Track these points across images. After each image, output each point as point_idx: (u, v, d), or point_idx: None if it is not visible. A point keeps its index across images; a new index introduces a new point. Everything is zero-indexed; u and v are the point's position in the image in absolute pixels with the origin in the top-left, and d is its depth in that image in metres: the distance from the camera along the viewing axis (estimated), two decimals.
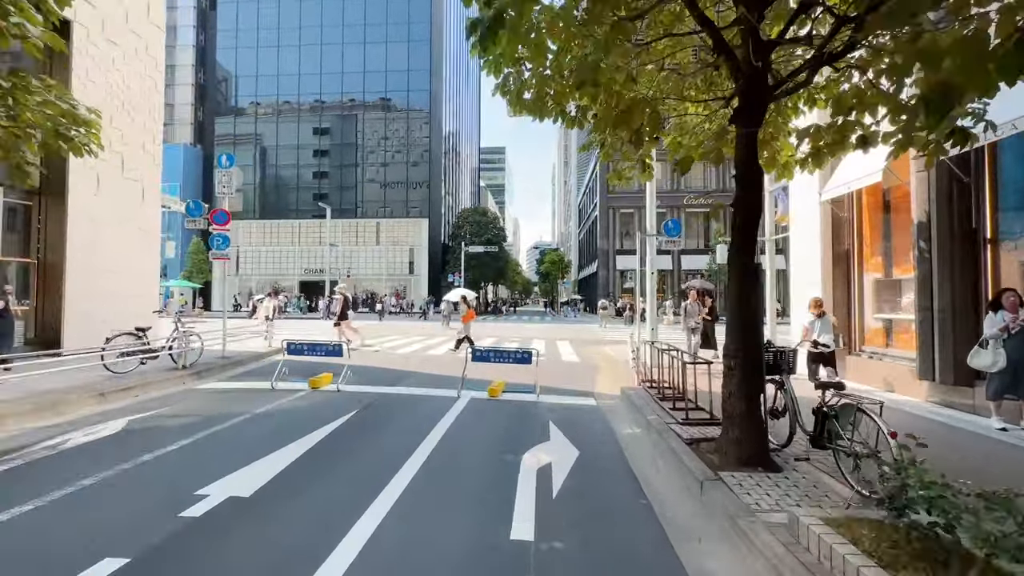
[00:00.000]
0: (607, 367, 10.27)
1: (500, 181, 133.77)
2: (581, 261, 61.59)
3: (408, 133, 41.00)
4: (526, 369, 7.32)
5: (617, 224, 39.20)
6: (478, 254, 39.13)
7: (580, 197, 62.76)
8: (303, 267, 41.60)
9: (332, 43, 41.66)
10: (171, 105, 43.42)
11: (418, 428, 5.29)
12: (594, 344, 15.36)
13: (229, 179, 9.70)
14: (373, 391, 7.16)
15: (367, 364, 9.67)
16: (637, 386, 7.50)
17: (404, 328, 21.76)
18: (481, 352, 7.23)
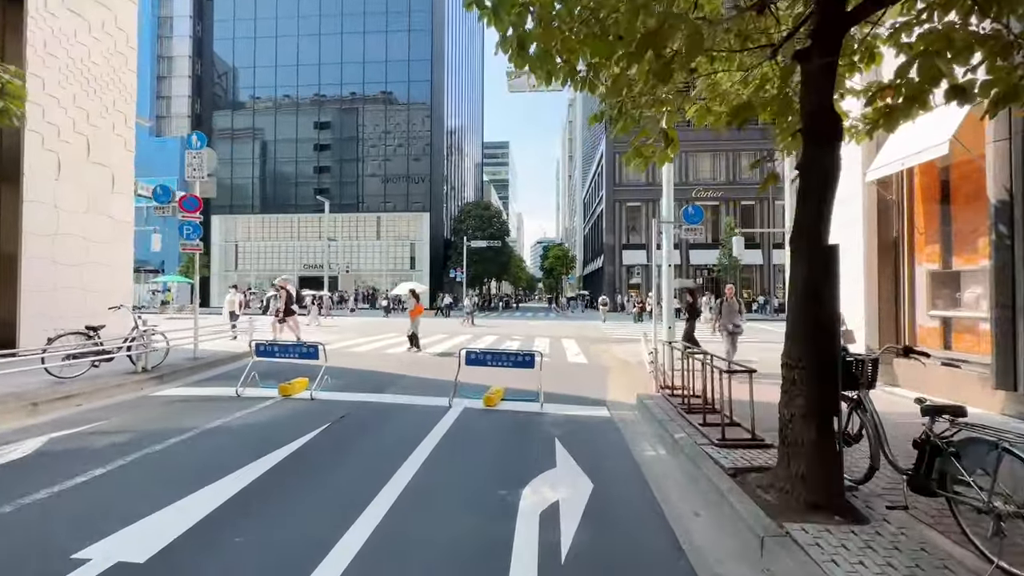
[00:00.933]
0: (619, 370, 9.30)
1: (504, 176, 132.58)
2: (586, 256, 60.53)
3: (409, 125, 40.01)
4: (528, 373, 6.38)
5: (624, 218, 38.12)
6: (480, 249, 38.20)
7: (585, 191, 61.63)
8: (303, 262, 40.83)
9: (331, 33, 40.66)
10: (168, 98, 42.66)
11: (395, 450, 4.36)
12: (602, 342, 14.39)
13: (200, 161, 8.79)
14: (352, 399, 6.24)
15: (353, 366, 8.77)
16: (655, 393, 6.55)
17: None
18: (476, 355, 6.29)
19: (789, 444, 3.12)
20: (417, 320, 11.60)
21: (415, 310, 11.83)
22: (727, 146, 36.59)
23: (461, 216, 41.71)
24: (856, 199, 7.90)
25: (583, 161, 70.64)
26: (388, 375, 8.07)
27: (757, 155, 36.48)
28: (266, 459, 4.04)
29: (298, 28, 40.95)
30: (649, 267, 36.62)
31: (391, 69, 40.07)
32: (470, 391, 6.47)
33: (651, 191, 36.88)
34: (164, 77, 42.42)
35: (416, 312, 11.78)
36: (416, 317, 11.65)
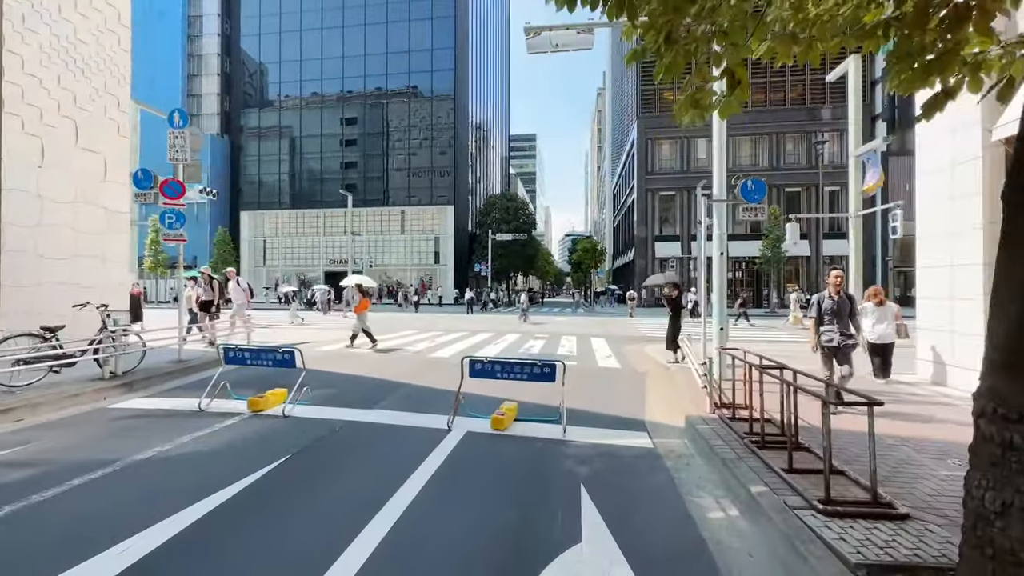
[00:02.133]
0: (658, 377, 7.90)
1: (531, 169, 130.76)
2: (616, 250, 58.45)
3: (433, 116, 39.11)
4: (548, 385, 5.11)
5: (656, 208, 36.08)
6: (506, 242, 37.00)
7: (615, 182, 59.40)
8: (328, 257, 40.74)
9: (354, 24, 40.13)
10: (198, 96, 43.27)
11: (366, 498, 3.21)
12: (635, 342, 12.94)
13: (183, 143, 7.91)
14: (331, 417, 5.14)
15: (350, 371, 7.73)
16: (710, 413, 5.17)
17: (436, 322, 19.96)
18: (483, 364, 5.07)
19: (997, 555, 1.76)
20: (364, 316, 10.89)
21: (361, 305, 11.09)
22: (769, 129, 34.02)
23: (486, 208, 40.62)
24: (973, 167, 6.22)
25: (612, 151, 68.23)
26: (386, 383, 6.96)
27: (804, 137, 33.74)
28: (188, 511, 2.96)
29: (322, 20, 40.63)
30: (684, 259, 34.55)
31: (414, 59, 39.22)
32: (478, 407, 5.29)
33: (686, 179, 34.73)
34: (195, 75, 43.03)
35: (362, 307, 11.03)
36: (362, 313, 10.92)
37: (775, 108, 34.24)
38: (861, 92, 14.06)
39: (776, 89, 34.40)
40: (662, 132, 35.74)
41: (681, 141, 35.43)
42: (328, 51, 40.52)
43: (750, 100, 35.51)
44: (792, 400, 3.62)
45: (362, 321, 10.77)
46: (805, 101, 34.05)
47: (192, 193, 20.63)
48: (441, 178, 39.16)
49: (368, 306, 11.25)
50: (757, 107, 34.49)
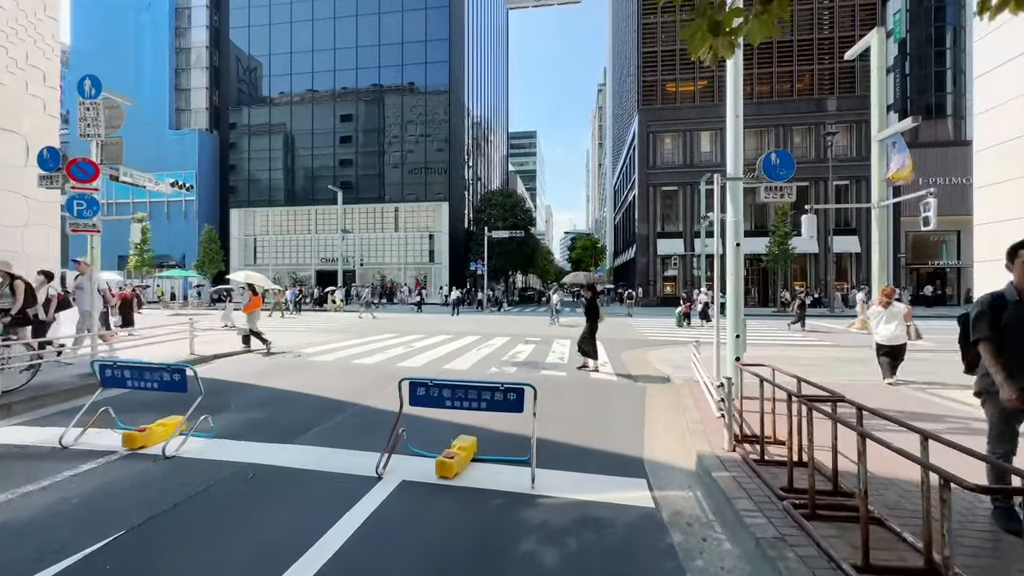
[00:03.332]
0: (662, 393, 6.66)
1: (531, 167, 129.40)
2: (617, 247, 57.19)
3: (427, 109, 37.87)
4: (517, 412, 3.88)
5: (658, 204, 34.79)
6: (503, 240, 35.74)
7: (615, 179, 58.13)
8: (320, 256, 39.58)
9: (345, 16, 38.90)
10: (187, 90, 42.11)
11: None
12: (635, 346, 11.70)
13: (95, 115, 6.72)
14: (229, 458, 3.91)
15: (289, 388, 6.50)
16: (729, 450, 3.93)
17: (418, 324, 18.76)
18: (428, 389, 3.81)
19: None
20: (254, 316, 9.86)
21: (251, 304, 10.04)
22: (775, 121, 32.70)
23: (482, 205, 39.36)
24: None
25: (613, 147, 66.94)
26: (328, 403, 5.72)
27: (812, 130, 32.39)
28: None
29: (312, 11, 39.42)
30: (687, 257, 33.27)
31: (408, 51, 37.99)
32: (426, 439, 4.09)
33: (689, 173, 33.43)
34: (183, 69, 41.82)
35: (251, 307, 9.99)
36: (252, 312, 9.89)
37: (782, 99, 32.92)
38: (884, 69, 12.79)
39: (783, 79, 33.07)
40: (664, 125, 34.45)
41: (683, 134, 34.13)
42: (320, 43, 39.31)
43: (755, 91, 34.07)
44: (861, 449, 2.38)
45: (251, 322, 9.73)
46: (813, 92, 32.71)
47: (164, 186, 19.48)
48: (436, 174, 37.92)
49: (259, 305, 10.20)
50: (763, 98, 33.18)
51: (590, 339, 8.25)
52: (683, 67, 34.30)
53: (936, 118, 33.96)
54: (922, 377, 7.15)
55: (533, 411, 3.73)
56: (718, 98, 33.79)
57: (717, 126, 33.41)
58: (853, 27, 31.84)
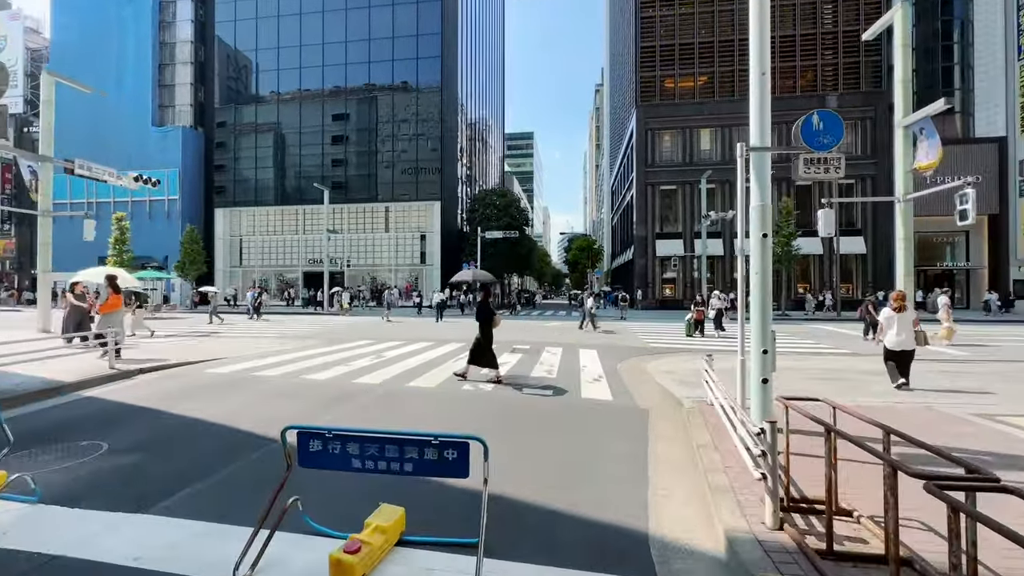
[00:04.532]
0: (669, 422, 5.41)
1: (528, 168, 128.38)
2: (615, 249, 56.05)
3: (418, 105, 36.65)
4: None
5: (657, 204, 33.62)
6: (497, 240, 34.52)
7: (613, 179, 57.04)
8: (308, 257, 38.26)
9: (334, 9, 37.72)
10: (171, 86, 40.81)
11: None
12: (634, 355, 10.45)
13: None
14: (29, 546, 2.64)
15: (203, 416, 5.22)
16: (775, 529, 2.69)
17: (398, 329, 17.48)
18: (325, 443, 2.55)
19: None
20: (111, 317, 8.45)
21: (108, 303, 8.67)
22: (777, 118, 31.41)
23: (475, 205, 38.11)
24: None
25: (611, 147, 65.90)
26: (236, 439, 4.45)
27: None
28: None
29: (300, 5, 38.20)
30: (687, 258, 32.09)
31: (399, 46, 36.79)
32: (333, 507, 2.82)
33: (689, 171, 32.29)
34: (167, 64, 40.46)
35: (109, 306, 8.59)
36: (109, 313, 8.50)
37: (784, 96, 31.81)
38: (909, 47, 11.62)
39: (785, 75, 31.98)
40: (663, 122, 33.32)
41: (683, 131, 33.00)
42: (308, 38, 38.07)
43: None
44: None
45: (104, 324, 8.32)
46: (817, 88, 31.63)
47: (127, 181, 18.20)
48: (428, 173, 36.67)
49: (119, 306, 8.78)
50: None
51: (485, 349, 7.27)
52: (683, 62, 33.21)
53: (944, 115, 32.94)
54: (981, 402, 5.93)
55: (484, 475, 2.47)
56: (718, 94, 32.73)
57: (718, 123, 32.33)
58: (858, 20, 30.82)
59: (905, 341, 6.39)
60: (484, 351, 7.29)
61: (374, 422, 4.95)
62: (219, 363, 8.56)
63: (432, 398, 6.17)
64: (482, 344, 7.30)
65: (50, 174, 15.26)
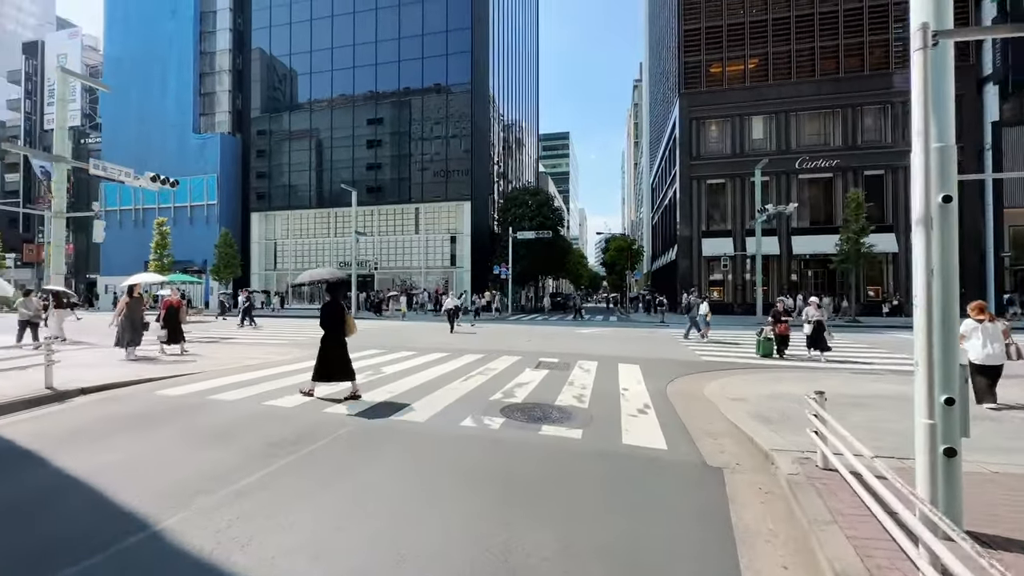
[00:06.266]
0: (758, 503, 3.50)
1: (564, 169, 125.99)
2: (655, 250, 53.07)
3: (448, 102, 35.59)
4: None
5: (703, 200, 30.90)
6: (530, 241, 32.83)
7: (653, 176, 54.11)
8: (339, 260, 37.91)
9: (364, 10, 37.35)
10: (211, 94, 41.78)
11: None
12: (685, 370, 8.45)
13: None
14: None
15: (80, 472, 3.78)
16: None
17: (420, 336, 16.12)
18: None
19: None
20: None
21: None
22: (842, 101, 28.25)
23: (507, 205, 36.60)
24: None
25: (650, 143, 62.86)
26: (101, 518, 2.97)
27: (886, 110, 27.73)
28: None
29: (332, 8, 38.10)
30: (738, 258, 29.21)
31: (428, 43, 35.90)
32: None
33: (739, 163, 29.45)
34: (207, 73, 41.46)
35: None
36: None
37: (850, 75, 28.43)
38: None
39: (851, 53, 28.56)
40: (709, 110, 30.60)
41: (732, 120, 30.16)
42: (339, 39, 37.89)
43: (817, 68, 29.75)
44: None
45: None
46: (888, 65, 28.02)
47: (144, 181, 17.75)
48: (459, 174, 35.48)
49: None
50: (827, 75, 28.80)
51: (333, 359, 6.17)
52: (732, 44, 30.41)
53: None
54: None
55: None
56: (772, 77, 29.68)
57: (772, 109, 29.30)
58: None
59: (996, 355, 5.77)
60: (332, 361, 6.14)
61: (313, 495, 3.36)
62: (184, 380, 7.30)
63: (415, 443, 4.53)
64: (329, 354, 6.15)
65: (64, 174, 14.88)
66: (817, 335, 10.10)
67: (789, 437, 4.61)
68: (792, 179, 28.96)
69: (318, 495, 3.31)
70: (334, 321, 6.30)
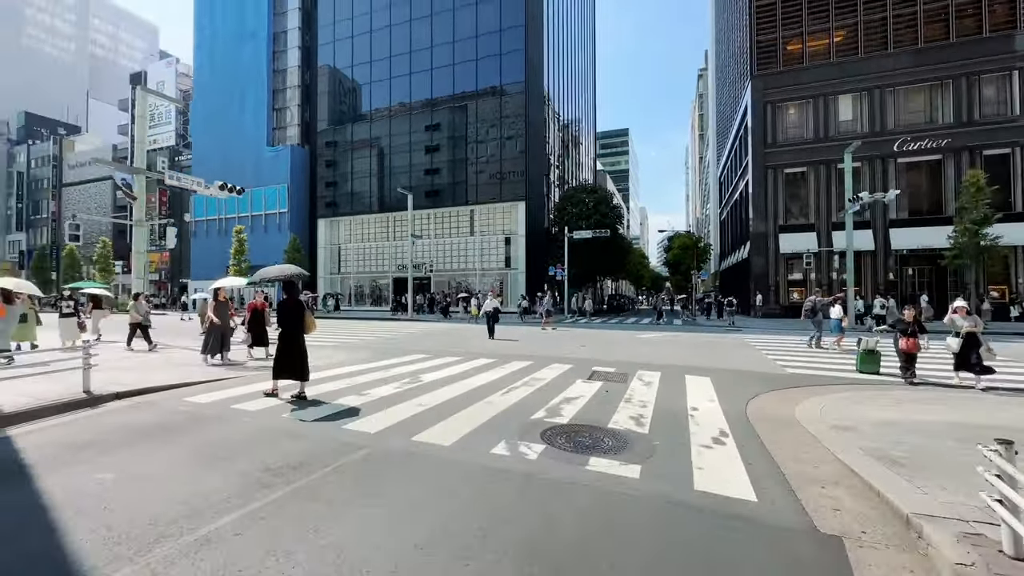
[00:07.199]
0: None
1: (623, 166, 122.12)
2: (723, 249, 49.45)
3: (502, 104, 35.19)
4: None
5: (780, 191, 27.99)
6: (587, 241, 31.53)
7: (720, 170, 50.50)
8: (397, 263, 38.75)
9: (420, 17, 37.96)
10: (282, 109, 44.47)
11: None
12: (766, 384, 7.06)
13: None
14: None
15: (52, 500, 3.38)
16: None
17: (458, 340, 15.62)
18: None
19: None
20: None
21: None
22: (955, 70, 24.29)
23: (563, 204, 35.50)
24: None
25: (717, 134, 58.88)
26: (56, 566, 2.47)
27: (1009, 79, 23.44)
28: None
29: (390, 18, 39.15)
30: (822, 254, 26.09)
31: (482, 43, 35.76)
32: None
33: (822, 148, 26.37)
34: (279, 90, 44.28)
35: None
36: None
37: (964, 40, 24.44)
38: None
39: (965, 14, 24.55)
40: (786, 92, 27.67)
41: (814, 101, 27.04)
42: (396, 48, 38.84)
43: (921, 35, 25.99)
44: None
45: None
46: (1016, 23, 23.73)
47: (213, 190, 18.71)
48: (514, 174, 34.94)
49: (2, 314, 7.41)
50: (932, 42, 24.99)
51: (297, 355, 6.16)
52: (813, 17, 27.31)
53: None
54: None
55: None
56: (863, 49, 26.25)
57: (864, 85, 25.89)
58: None
59: None
60: (285, 358, 6.14)
61: (287, 549, 2.69)
62: (217, 386, 7.10)
63: (431, 475, 3.76)
64: (293, 351, 6.15)
65: (143, 185, 15.96)
66: (968, 352, 7.36)
67: (937, 493, 3.32)
68: (889, 164, 25.39)
69: (294, 550, 2.62)
70: (292, 319, 6.18)
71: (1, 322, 7.99)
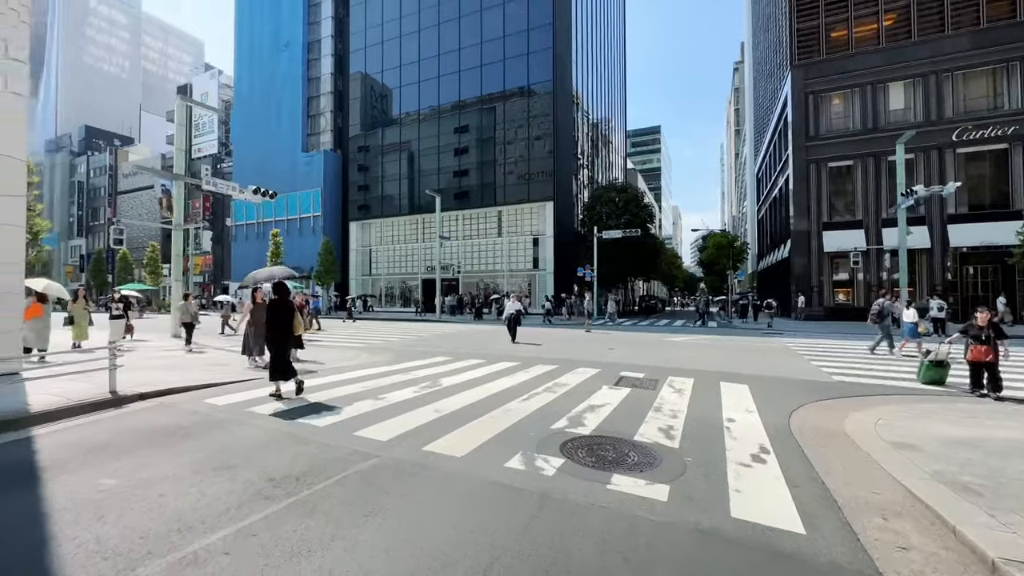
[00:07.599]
0: None
1: (655, 165, 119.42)
2: (761, 248, 47.40)
3: (529, 104, 34.91)
4: None
5: (823, 186, 26.47)
6: (617, 241, 30.83)
7: (758, 166, 48.43)
8: (425, 264, 39.09)
9: (448, 20, 38.20)
10: (316, 115, 45.69)
11: None
12: (811, 395, 6.45)
13: None
14: None
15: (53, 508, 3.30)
16: None
17: (488, 341, 15.41)
18: None
19: None
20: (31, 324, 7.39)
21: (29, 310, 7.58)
22: (1019, 52, 22.27)
23: (592, 203, 34.85)
24: None
25: (755, 129, 56.60)
26: None
27: None
28: None
29: (419, 22, 39.59)
30: (871, 253, 24.48)
31: (509, 43, 35.60)
32: None
33: (870, 140, 24.78)
34: (313, 97, 45.57)
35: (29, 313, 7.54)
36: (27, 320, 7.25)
37: (999, 21, 22.42)
38: None
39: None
40: (830, 81, 26.15)
41: (861, 90, 25.42)
42: (425, 51, 39.22)
43: (983, 14, 24.03)
44: None
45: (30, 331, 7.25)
46: None
47: (248, 194, 19.28)
48: (541, 175, 34.59)
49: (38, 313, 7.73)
50: (997, 21, 23.04)
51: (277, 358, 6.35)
52: (858, 1, 25.71)
53: None
54: None
55: None
56: (916, 33, 24.48)
57: (918, 71, 24.13)
58: None
59: None
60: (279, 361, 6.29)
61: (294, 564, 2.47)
62: (237, 388, 7.11)
63: (438, 491, 3.51)
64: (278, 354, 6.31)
65: (182, 190, 16.57)
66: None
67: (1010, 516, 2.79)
68: (946, 154, 23.56)
69: (281, 574, 2.41)
70: (281, 320, 6.28)
71: (38, 321, 8.30)
